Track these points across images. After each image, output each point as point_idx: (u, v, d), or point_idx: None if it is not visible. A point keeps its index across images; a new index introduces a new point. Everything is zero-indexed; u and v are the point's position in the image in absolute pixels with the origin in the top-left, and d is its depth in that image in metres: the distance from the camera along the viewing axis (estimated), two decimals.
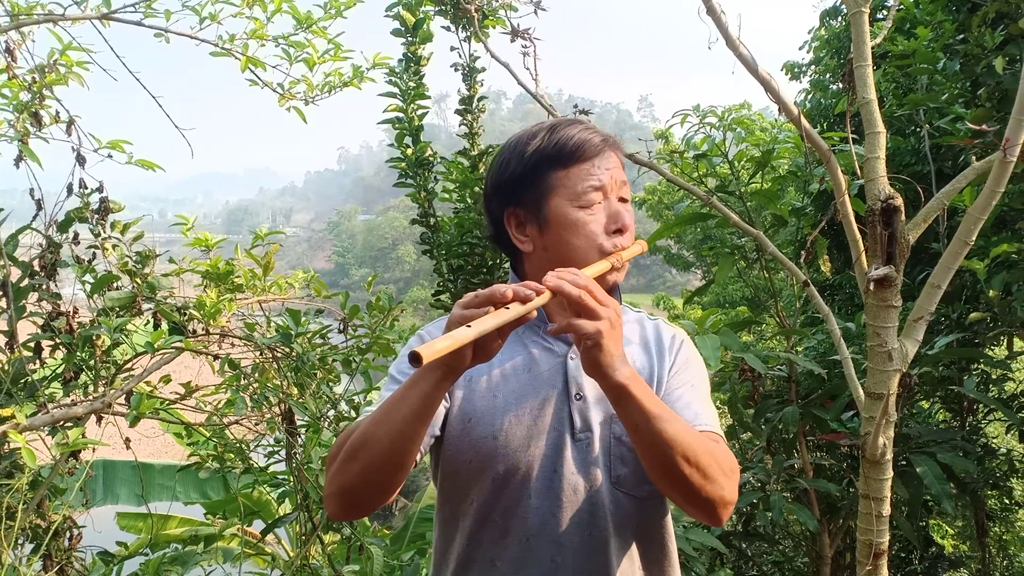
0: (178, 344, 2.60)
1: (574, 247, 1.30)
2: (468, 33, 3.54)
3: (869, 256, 1.90)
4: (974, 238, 1.81)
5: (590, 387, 1.31)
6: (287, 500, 3.49)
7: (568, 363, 1.33)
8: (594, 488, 1.28)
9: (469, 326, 1.02)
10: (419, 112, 3.57)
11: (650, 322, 1.45)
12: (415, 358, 0.95)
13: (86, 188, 2.73)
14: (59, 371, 2.63)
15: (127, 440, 2.75)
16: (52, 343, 2.65)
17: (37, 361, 2.63)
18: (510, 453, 1.28)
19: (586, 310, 1.10)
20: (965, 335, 3.10)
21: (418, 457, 1.23)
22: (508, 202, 1.36)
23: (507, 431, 1.28)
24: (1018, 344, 3.24)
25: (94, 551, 3.07)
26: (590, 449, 1.29)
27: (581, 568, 1.26)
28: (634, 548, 1.31)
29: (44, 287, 2.64)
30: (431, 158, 3.61)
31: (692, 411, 1.29)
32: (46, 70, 2.64)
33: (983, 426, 3.66)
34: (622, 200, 1.35)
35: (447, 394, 1.30)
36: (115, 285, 2.68)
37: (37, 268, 2.65)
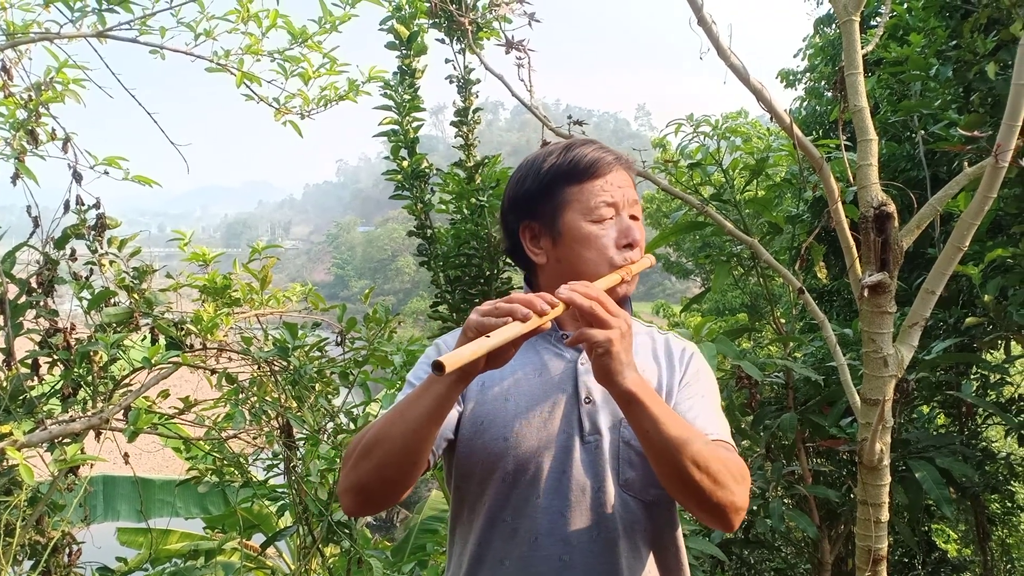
0: (176, 359, 2.60)
1: (586, 259, 1.35)
2: (463, 45, 3.55)
3: (863, 263, 1.90)
4: (968, 243, 1.82)
5: (599, 392, 1.33)
6: (287, 513, 3.49)
7: (578, 368, 1.37)
8: (602, 490, 1.30)
9: (489, 336, 1.07)
10: (414, 124, 3.59)
11: (660, 336, 1.49)
12: (438, 367, 1.00)
13: (83, 204, 2.74)
14: (57, 387, 2.63)
15: (126, 455, 2.75)
16: (50, 359, 2.65)
17: (35, 378, 2.63)
18: (520, 454, 1.31)
19: (597, 320, 1.13)
20: (962, 340, 3.10)
21: (431, 459, 1.28)
22: (524, 216, 1.41)
23: (518, 433, 1.32)
24: (1015, 348, 3.24)
25: (94, 567, 3.07)
26: (599, 452, 1.31)
27: (590, 567, 1.28)
28: (645, 552, 1.33)
29: (41, 304, 2.65)
30: (427, 170, 3.62)
31: (702, 421, 1.32)
32: (42, 88, 2.66)
33: (982, 430, 3.66)
34: (633, 217, 1.39)
35: (460, 399, 1.35)
36: (112, 301, 2.68)
37: (34, 285, 2.66)
